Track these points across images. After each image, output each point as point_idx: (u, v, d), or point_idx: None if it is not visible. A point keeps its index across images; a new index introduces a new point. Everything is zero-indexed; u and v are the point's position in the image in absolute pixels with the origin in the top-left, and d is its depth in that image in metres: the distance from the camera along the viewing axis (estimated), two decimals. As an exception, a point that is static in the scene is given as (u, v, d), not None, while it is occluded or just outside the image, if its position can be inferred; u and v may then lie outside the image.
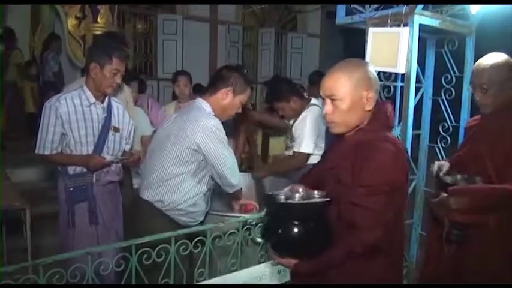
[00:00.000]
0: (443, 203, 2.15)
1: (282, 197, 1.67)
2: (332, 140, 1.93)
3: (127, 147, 2.93)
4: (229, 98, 2.52)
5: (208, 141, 2.35)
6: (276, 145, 4.63)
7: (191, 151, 2.36)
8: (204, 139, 2.35)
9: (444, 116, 3.31)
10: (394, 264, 1.77)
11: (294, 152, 3.48)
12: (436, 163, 2.45)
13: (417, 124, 3.27)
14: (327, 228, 1.66)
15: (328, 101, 1.69)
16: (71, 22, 4.54)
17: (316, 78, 4.69)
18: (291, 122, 3.62)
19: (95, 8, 4.62)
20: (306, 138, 3.41)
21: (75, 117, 2.63)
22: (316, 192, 1.69)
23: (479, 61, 2.30)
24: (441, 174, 2.34)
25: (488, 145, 2.21)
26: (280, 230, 1.66)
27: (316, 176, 1.90)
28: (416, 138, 3.27)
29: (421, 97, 3.25)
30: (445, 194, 2.14)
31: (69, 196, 2.68)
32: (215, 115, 2.49)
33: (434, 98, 3.36)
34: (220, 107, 2.53)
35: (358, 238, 1.59)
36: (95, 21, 4.61)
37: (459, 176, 2.24)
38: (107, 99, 2.78)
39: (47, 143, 2.62)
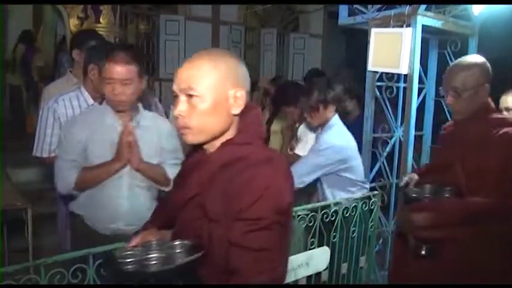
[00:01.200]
0: (407, 220, 2.07)
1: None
2: (188, 155, 1.52)
3: None
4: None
5: None
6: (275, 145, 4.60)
7: None
8: None
9: (446, 117, 3.30)
10: None
11: (294, 153, 3.42)
12: (408, 175, 2.40)
13: (419, 125, 3.26)
14: None
15: (182, 98, 1.28)
16: (73, 22, 4.55)
17: (313, 76, 4.65)
18: (297, 124, 3.57)
19: (97, 9, 4.62)
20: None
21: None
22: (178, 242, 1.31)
23: (453, 63, 2.20)
24: (409, 187, 2.27)
25: (460, 154, 2.10)
26: None
27: (171, 210, 1.46)
28: (418, 139, 3.27)
29: (424, 98, 3.24)
30: (409, 210, 2.08)
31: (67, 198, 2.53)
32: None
33: (436, 99, 3.35)
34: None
35: None
36: (97, 21, 4.62)
37: (428, 187, 2.19)
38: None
39: (45, 145, 2.57)
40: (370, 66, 2.98)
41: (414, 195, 2.17)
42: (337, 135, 2.82)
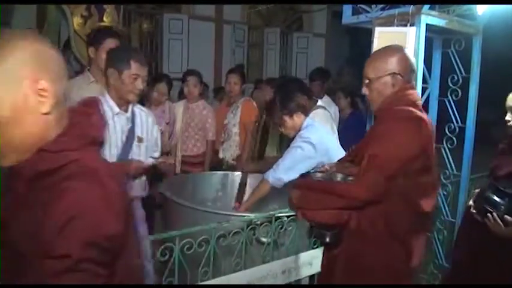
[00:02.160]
0: (288, 197, 2.00)
1: None
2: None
3: (156, 155, 2.76)
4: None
5: None
6: (272, 145, 4.59)
7: None
8: None
9: (450, 116, 3.30)
10: None
11: None
12: (330, 164, 2.30)
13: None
14: None
15: None
16: (76, 21, 4.55)
17: (317, 75, 4.65)
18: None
19: (100, 7, 4.62)
20: None
21: None
22: None
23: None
24: (313, 171, 2.23)
25: (363, 145, 2.02)
26: None
27: None
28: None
29: (428, 98, 3.23)
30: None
31: None
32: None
33: (440, 99, 3.35)
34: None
35: None
36: (101, 20, 4.62)
37: (336, 175, 2.08)
38: (130, 107, 2.58)
39: None
40: (374, 66, 2.97)
41: (317, 179, 2.09)
42: (312, 131, 2.85)
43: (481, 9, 2.99)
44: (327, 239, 1.98)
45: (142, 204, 2.69)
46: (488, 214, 2.16)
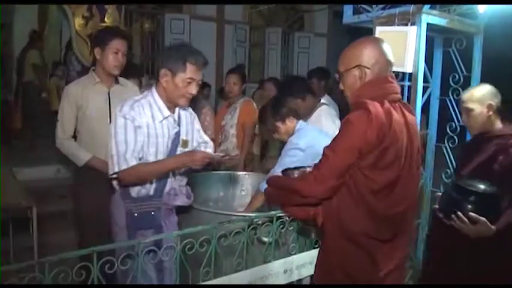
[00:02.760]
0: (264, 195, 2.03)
1: None
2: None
3: (209, 150, 2.57)
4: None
5: None
6: (275, 144, 4.60)
7: None
8: None
9: (452, 115, 3.29)
10: None
11: None
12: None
13: (424, 124, 3.25)
14: None
15: None
16: (78, 21, 4.56)
17: (315, 74, 4.62)
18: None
19: (102, 8, 4.63)
20: None
21: (146, 131, 2.27)
22: None
23: None
24: (292, 168, 2.19)
25: None
26: None
27: None
28: (423, 138, 3.26)
29: (429, 97, 3.23)
30: None
31: (133, 222, 2.32)
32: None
33: (441, 98, 3.35)
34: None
35: None
36: (102, 20, 4.63)
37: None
38: (177, 110, 2.41)
39: (129, 156, 2.20)
40: (375, 65, 2.97)
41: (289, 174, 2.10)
42: (301, 135, 2.84)
43: (482, 8, 2.99)
44: (312, 235, 1.97)
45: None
46: (453, 215, 2.13)
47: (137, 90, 3.24)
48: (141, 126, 2.24)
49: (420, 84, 2.84)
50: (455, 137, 3.24)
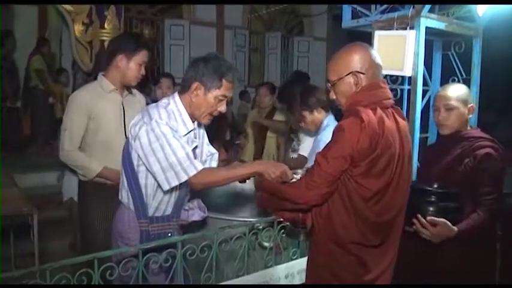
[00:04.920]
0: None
1: None
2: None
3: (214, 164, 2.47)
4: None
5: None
6: (271, 145, 4.60)
7: None
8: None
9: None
10: None
11: (299, 154, 3.40)
12: None
13: (424, 127, 3.25)
14: None
15: None
16: (78, 28, 4.56)
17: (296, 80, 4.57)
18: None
19: (101, 14, 4.64)
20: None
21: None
22: None
23: None
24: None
25: None
26: None
27: None
28: (423, 141, 3.26)
29: (428, 100, 3.23)
30: None
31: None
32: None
33: (441, 101, 3.34)
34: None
35: None
36: (102, 27, 4.63)
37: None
38: (196, 122, 2.23)
39: (193, 160, 2.02)
40: (374, 69, 2.97)
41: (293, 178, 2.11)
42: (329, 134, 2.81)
43: (480, 11, 2.99)
44: (301, 237, 1.98)
45: None
46: (414, 220, 2.09)
47: (144, 99, 3.11)
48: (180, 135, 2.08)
49: (420, 87, 2.85)
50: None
